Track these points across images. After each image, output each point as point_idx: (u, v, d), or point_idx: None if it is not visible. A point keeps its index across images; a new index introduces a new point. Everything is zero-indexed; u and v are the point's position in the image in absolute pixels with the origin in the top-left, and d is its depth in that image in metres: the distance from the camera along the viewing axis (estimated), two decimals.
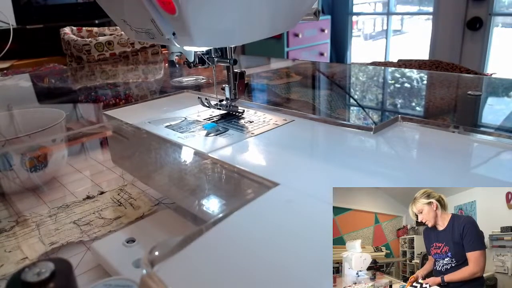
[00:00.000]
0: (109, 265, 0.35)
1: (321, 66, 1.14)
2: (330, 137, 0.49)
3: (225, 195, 0.40)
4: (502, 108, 0.63)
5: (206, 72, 0.94)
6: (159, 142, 0.51)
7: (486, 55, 2.88)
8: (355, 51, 3.82)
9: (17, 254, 0.38)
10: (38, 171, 0.53)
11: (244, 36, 0.42)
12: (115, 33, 1.20)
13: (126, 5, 0.40)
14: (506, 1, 2.87)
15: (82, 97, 0.88)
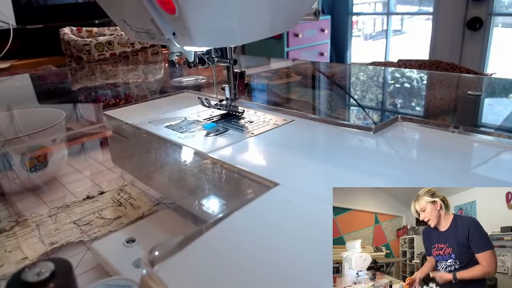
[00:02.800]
0: (109, 265, 0.35)
1: (321, 66, 1.14)
2: (330, 137, 0.49)
3: (225, 195, 0.40)
4: (502, 108, 0.63)
5: (206, 72, 0.94)
6: (159, 142, 0.51)
7: (486, 55, 2.88)
8: (355, 51, 3.82)
9: (17, 254, 0.38)
10: (38, 171, 0.53)
11: (244, 36, 0.42)
12: (115, 33, 1.20)
13: (126, 5, 0.40)
14: (506, 1, 2.87)
15: (82, 97, 0.88)
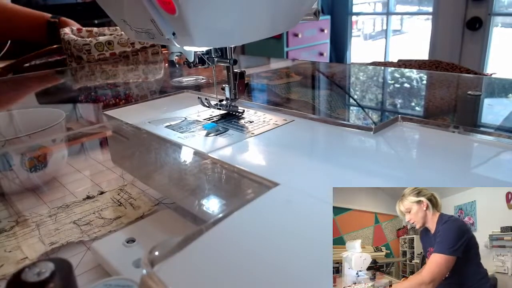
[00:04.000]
0: (109, 265, 0.34)
1: (321, 66, 1.14)
2: (330, 137, 0.49)
3: (225, 195, 0.40)
4: (502, 108, 0.63)
5: (206, 72, 0.94)
6: (159, 142, 0.51)
7: (486, 55, 2.88)
8: (354, 51, 3.82)
9: (17, 254, 0.38)
10: (38, 171, 0.53)
11: (244, 36, 0.42)
12: (115, 33, 1.20)
13: (126, 5, 0.40)
14: (506, 1, 2.88)
15: (82, 97, 0.88)
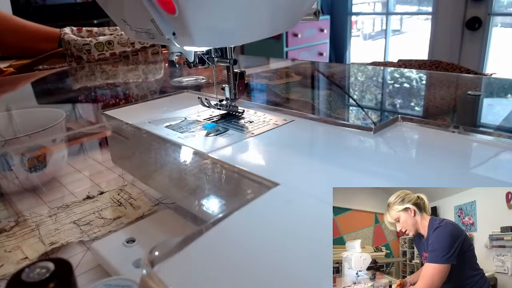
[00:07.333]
0: (109, 265, 0.34)
1: (320, 66, 1.14)
2: (330, 137, 0.49)
3: (225, 195, 0.40)
4: (502, 108, 0.63)
5: (206, 72, 0.94)
6: (159, 142, 0.51)
7: (485, 55, 2.88)
8: (354, 51, 3.82)
9: (17, 254, 0.38)
10: (38, 171, 0.53)
11: (244, 36, 0.42)
12: (115, 33, 1.20)
13: (126, 5, 0.40)
14: (505, 1, 2.88)
15: (82, 97, 0.88)
